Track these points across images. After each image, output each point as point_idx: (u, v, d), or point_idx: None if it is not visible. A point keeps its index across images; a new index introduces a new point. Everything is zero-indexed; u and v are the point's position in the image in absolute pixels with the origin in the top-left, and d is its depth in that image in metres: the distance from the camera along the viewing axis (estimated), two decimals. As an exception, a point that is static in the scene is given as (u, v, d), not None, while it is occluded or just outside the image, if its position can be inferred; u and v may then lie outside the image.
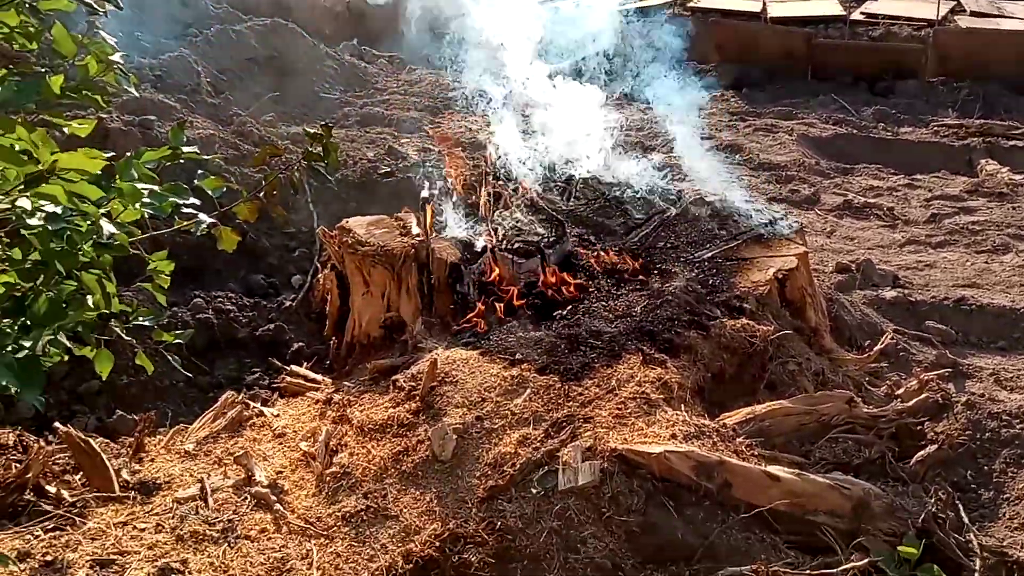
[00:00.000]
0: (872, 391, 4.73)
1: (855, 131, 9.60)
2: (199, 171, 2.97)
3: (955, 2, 12.06)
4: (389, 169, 7.48)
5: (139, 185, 2.44)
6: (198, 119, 7.73)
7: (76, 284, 2.58)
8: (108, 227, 2.33)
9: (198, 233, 2.72)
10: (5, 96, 2.22)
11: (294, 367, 5.04)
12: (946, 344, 5.37)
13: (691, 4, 12.42)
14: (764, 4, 12.27)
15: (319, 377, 4.89)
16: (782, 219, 5.37)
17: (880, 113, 10.05)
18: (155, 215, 2.62)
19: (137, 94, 2.23)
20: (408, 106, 9.95)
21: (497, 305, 4.73)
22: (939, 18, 11.41)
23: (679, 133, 7.22)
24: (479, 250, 5.05)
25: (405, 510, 3.60)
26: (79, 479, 3.85)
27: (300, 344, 5.47)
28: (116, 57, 2.21)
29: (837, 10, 11.98)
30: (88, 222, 2.34)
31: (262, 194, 2.91)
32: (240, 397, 4.57)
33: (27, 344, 2.26)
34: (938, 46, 10.92)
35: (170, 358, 3.29)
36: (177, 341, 3.15)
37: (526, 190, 5.71)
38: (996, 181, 8.19)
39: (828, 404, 4.11)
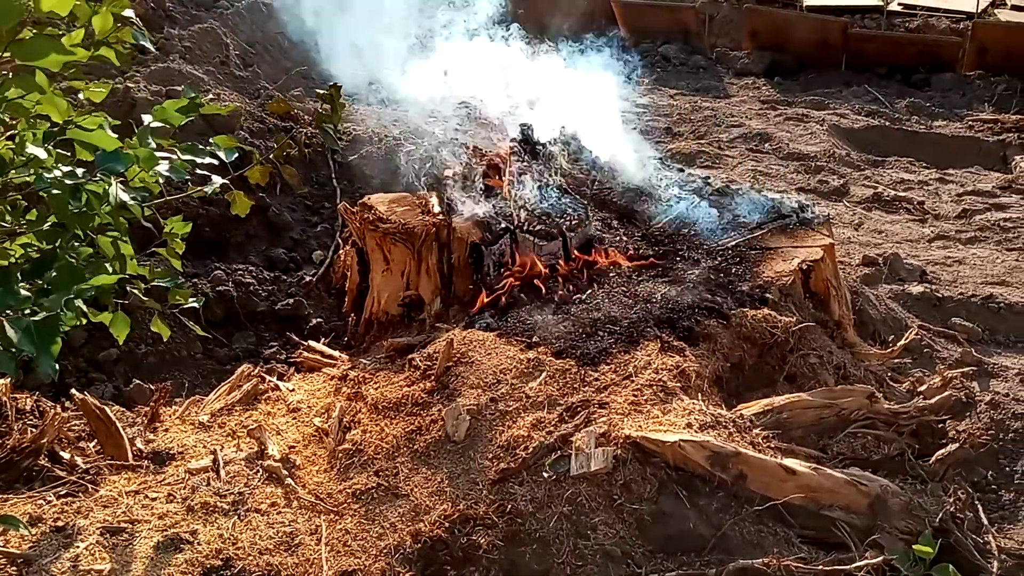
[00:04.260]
0: (894, 387, 4.65)
1: (888, 123, 9.43)
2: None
3: (996, -6, 11.84)
4: (414, 147, 7.44)
5: (157, 153, 2.43)
6: (225, 91, 7.72)
7: (93, 249, 2.57)
8: (122, 195, 2.32)
9: (210, 193, 2.71)
10: (25, 55, 2.20)
11: (311, 342, 5.04)
12: (972, 342, 5.27)
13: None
14: (800, -9, 12.10)
15: (336, 353, 4.88)
16: (809, 209, 5.28)
17: (914, 106, 9.88)
18: (171, 181, 2.61)
19: (153, 48, 2.20)
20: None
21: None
22: (979, 11, 11.18)
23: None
24: (500, 231, 5.01)
25: (416, 489, 3.59)
26: (93, 446, 3.86)
27: (319, 320, 5.47)
28: (128, 12, 2.18)
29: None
30: (104, 185, 2.33)
31: (272, 156, 2.90)
32: (256, 370, 4.58)
33: (46, 304, 2.25)
34: (976, 39, 10.69)
35: (187, 323, 3.29)
36: (192, 305, 3.15)
37: (551, 171, 5.65)
38: (1030, 178, 8.02)
39: (848, 398, 4.03)
